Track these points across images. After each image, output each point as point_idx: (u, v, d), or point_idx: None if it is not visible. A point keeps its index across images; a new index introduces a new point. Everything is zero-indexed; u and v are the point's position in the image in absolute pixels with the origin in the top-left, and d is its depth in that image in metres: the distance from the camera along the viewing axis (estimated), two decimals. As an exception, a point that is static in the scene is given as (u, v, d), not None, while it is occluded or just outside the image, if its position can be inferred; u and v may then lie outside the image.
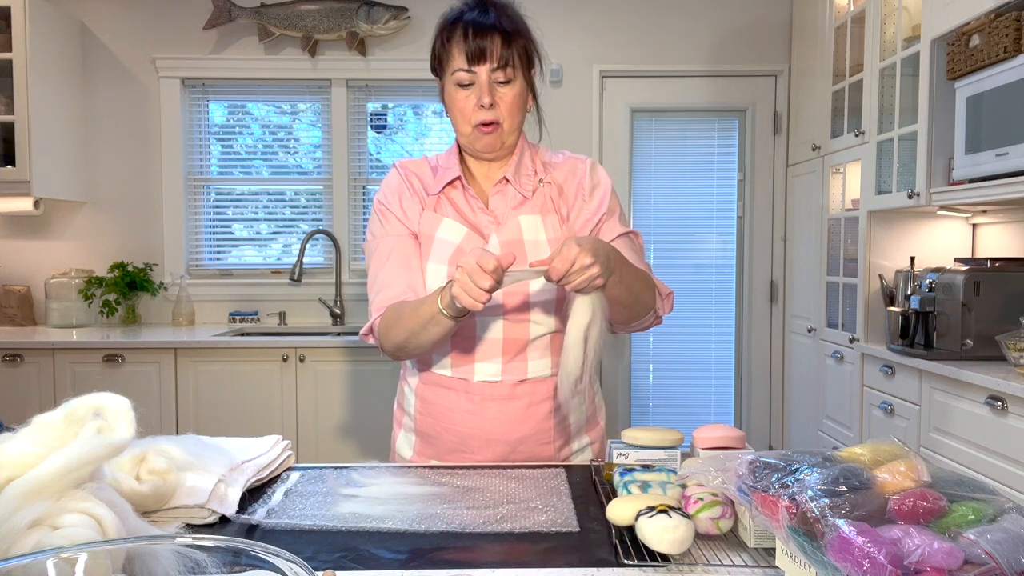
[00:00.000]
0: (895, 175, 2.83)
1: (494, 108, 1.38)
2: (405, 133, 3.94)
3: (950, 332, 2.49)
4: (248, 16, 3.66)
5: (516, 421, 1.42)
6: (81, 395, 0.90)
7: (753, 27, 3.78)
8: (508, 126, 1.41)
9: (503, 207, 1.45)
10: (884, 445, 0.86)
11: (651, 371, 3.89)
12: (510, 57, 1.37)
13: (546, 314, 1.42)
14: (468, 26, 1.37)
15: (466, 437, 1.42)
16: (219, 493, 1.05)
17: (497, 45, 1.36)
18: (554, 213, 1.45)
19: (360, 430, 3.24)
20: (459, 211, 1.44)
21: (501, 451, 1.42)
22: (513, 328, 1.41)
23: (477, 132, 1.40)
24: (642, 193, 3.79)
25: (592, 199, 1.48)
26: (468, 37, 1.36)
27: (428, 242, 1.42)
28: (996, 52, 2.22)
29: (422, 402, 1.47)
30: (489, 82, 1.37)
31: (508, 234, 1.41)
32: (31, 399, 3.13)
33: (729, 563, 0.89)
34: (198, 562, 0.63)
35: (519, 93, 1.41)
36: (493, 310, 1.39)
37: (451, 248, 1.40)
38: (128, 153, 3.76)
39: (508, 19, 1.39)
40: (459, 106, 1.40)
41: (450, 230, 1.42)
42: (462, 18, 1.39)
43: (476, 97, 1.38)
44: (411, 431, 1.50)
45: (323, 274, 3.82)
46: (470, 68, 1.37)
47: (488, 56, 1.36)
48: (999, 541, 0.67)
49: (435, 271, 1.40)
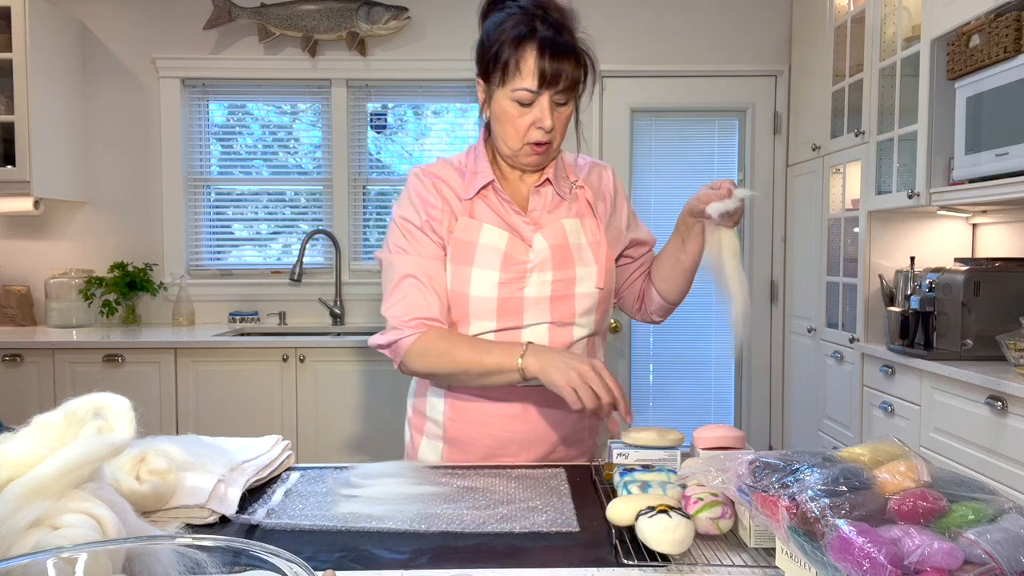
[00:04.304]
0: (895, 175, 2.83)
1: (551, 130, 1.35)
2: (405, 133, 3.94)
3: (950, 332, 2.49)
4: (248, 16, 3.66)
5: (557, 421, 1.43)
6: (81, 395, 0.89)
7: (753, 27, 3.78)
8: (557, 144, 1.39)
9: (540, 208, 1.44)
10: (884, 445, 0.86)
11: (651, 371, 3.89)
12: (578, 80, 1.34)
13: (588, 317, 1.43)
14: (545, 47, 1.29)
15: (506, 441, 1.41)
16: (219, 493, 1.05)
17: (570, 70, 1.31)
18: (591, 216, 1.46)
19: (360, 430, 3.24)
20: (497, 214, 1.41)
21: (540, 452, 1.43)
22: (558, 332, 1.41)
23: (528, 149, 1.37)
24: (642, 193, 3.80)
25: (620, 210, 1.53)
26: (544, 58, 1.29)
27: (470, 248, 1.38)
28: (996, 52, 2.22)
29: (454, 409, 1.44)
30: (551, 105, 1.32)
31: (553, 238, 1.40)
32: (31, 399, 3.13)
33: (729, 563, 0.89)
34: (198, 562, 0.63)
35: (571, 113, 1.38)
36: (540, 315, 1.39)
37: (498, 254, 1.37)
38: (128, 153, 3.76)
39: (578, 40, 1.34)
40: (514, 123, 1.35)
41: (492, 235, 1.39)
42: (536, 34, 1.30)
43: (534, 117, 1.33)
44: (438, 438, 1.47)
45: (323, 274, 3.82)
46: (538, 91, 1.31)
47: (560, 80, 1.31)
48: (999, 541, 0.67)
49: (483, 277, 1.37)
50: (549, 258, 1.39)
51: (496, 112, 1.37)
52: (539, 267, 1.38)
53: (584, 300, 1.41)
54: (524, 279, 1.38)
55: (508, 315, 1.38)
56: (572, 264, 1.40)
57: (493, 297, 1.37)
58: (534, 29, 1.30)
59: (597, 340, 1.50)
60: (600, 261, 1.43)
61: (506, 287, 1.37)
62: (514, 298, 1.37)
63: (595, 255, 1.43)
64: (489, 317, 1.39)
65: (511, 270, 1.37)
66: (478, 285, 1.37)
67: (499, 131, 1.38)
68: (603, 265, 1.43)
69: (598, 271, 1.42)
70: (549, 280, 1.39)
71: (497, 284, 1.36)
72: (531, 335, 1.39)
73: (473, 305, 1.38)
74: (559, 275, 1.39)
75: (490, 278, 1.37)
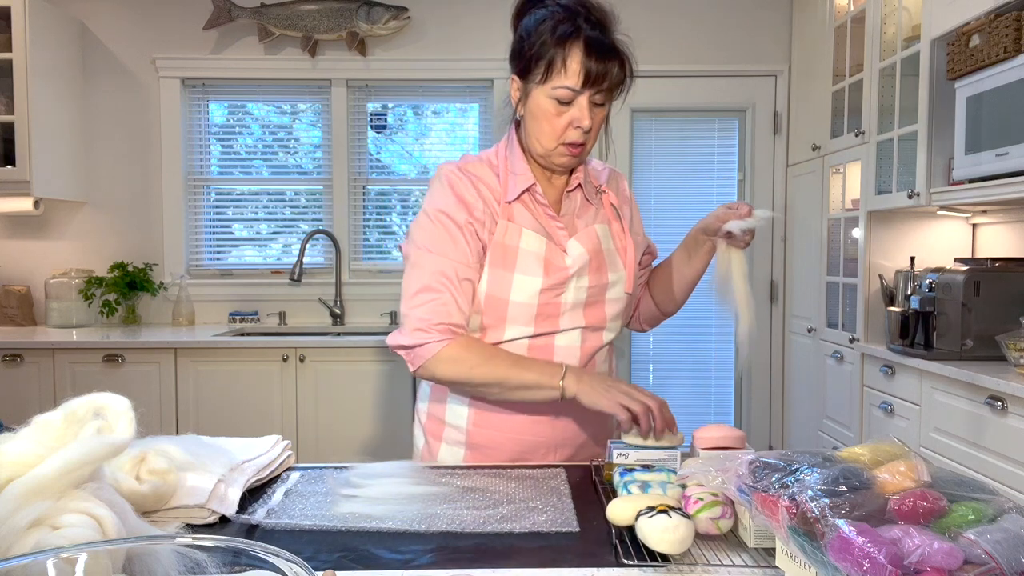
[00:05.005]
0: (895, 175, 2.83)
1: (588, 131, 1.33)
2: (405, 133, 3.94)
3: (950, 332, 2.49)
4: (248, 16, 3.66)
5: (584, 422, 1.43)
6: (81, 395, 0.89)
7: (753, 27, 3.78)
8: (590, 147, 1.37)
9: (570, 213, 1.43)
10: (884, 445, 0.86)
11: (651, 371, 3.89)
12: (619, 83, 1.33)
13: (617, 322, 1.46)
14: (592, 46, 1.28)
15: (534, 445, 1.41)
16: (219, 493, 1.05)
17: (614, 71, 1.29)
18: (616, 221, 1.47)
19: (360, 430, 3.24)
20: (535, 218, 1.39)
21: (565, 454, 1.43)
22: (591, 336, 1.42)
23: (563, 149, 1.34)
24: (642, 193, 3.79)
25: (636, 213, 1.56)
26: (591, 58, 1.27)
27: (511, 253, 1.36)
28: (996, 52, 2.22)
29: (480, 415, 1.42)
30: (590, 105, 1.30)
31: (588, 243, 1.40)
32: (31, 399, 3.13)
33: (729, 563, 0.89)
34: (198, 562, 0.63)
35: (606, 115, 1.36)
36: (575, 320, 1.40)
37: (539, 260, 1.36)
38: (128, 153, 3.76)
39: (620, 41, 1.33)
40: (551, 121, 1.32)
41: (532, 240, 1.37)
42: (581, 32, 1.28)
43: (572, 117, 1.31)
44: (459, 444, 1.44)
45: (323, 274, 3.82)
46: (581, 90, 1.29)
47: (604, 80, 1.29)
48: (999, 541, 0.67)
49: (526, 283, 1.35)
50: (587, 264, 1.39)
51: (532, 110, 1.34)
52: (578, 273, 1.38)
53: (614, 305, 1.43)
54: (565, 285, 1.37)
55: (545, 321, 1.38)
56: (605, 269, 1.41)
57: (534, 304, 1.35)
58: (579, 27, 1.28)
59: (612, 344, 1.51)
60: (628, 266, 1.44)
61: (547, 293, 1.36)
62: (553, 304, 1.37)
63: (623, 260, 1.44)
64: (527, 323, 1.37)
65: (553, 276, 1.36)
66: (519, 291, 1.35)
67: (534, 129, 1.35)
68: (631, 270, 1.44)
69: (627, 276, 1.43)
70: (586, 286, 1.39)
71: (539, 291, 1.35)
72: (564, 340, 1.39)
73: (512, 311, 1.36)
74: (594, 280, 1.40)
75: (533, 284, 1.35)
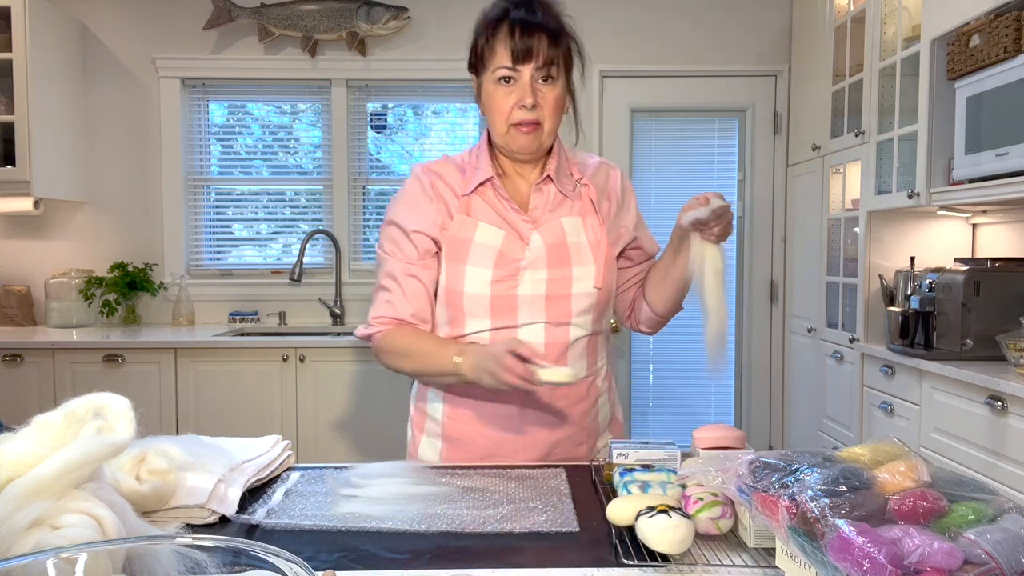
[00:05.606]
0: (895, 175, 2.82)
1: (535, 109, 1.36)
2: (405, 133, 3.94)
3: (950, 332, 2.49)
4: (248, 16, 3.66)
5: (555, 423, 1.42)
6: (81, 395, 0.89)
7: (753, 27, 3.78)
8: (548, 127, 1.39)
9: (541, 207, 1.43)
10: (884, 445, 0.86)
11: (651, 371, 3.89)
12: (555, 57, 1.35)
13: (586, 317, 1.42)
14: (515, 24, 1.34)
15: (503, 442, 1.41)
16: (219, 493, 1.05)
17: (544, 45, 1.34)
18: (594, 215, 1.45)
19: (360, 430, 3.24)
20: (495, 212, 1.41)
21: (538, 453, 1.42)
22: (555, 332, 1.40)
23: (515, 131, 1.38)
24: (642, 193, 3.79)
25: (628, 209, 1.52)
26: (515, 35, 1.33)
27: (464, 246, 1.39)
28: (996, 52, 2.22)
29: (452, 407, 1.44)
30: (531, 82, 1.35)
31: (551, 236, 1.40)
32: (31, 399, 3.12)
33: (729, 563, 0.89)
34: (198, 562, 0.63)
35: (560, 94, 1.39)
36: (535, 314, 1.39)
37: (492, 252, 1.38)
38: (128, 153, 3.76)
39: (554, 18, 1.37)
40: (498, 104, 1.37)
41: (488, 233, 1.39)
42: (508, 16, 1.36)
43: (517, 96, 1.35)
44: (437, 436, 1.47)
45: (323, 274, 3.82)
46: (514, 67, 1.34)
47: (534, 55, 1.33)
48: (999, 541, 0.67)
49: (477, 275, 1.38)
50: (544, 256, 1.38)
51: (484, 101, 1.41)
52: (533, 265, 1.38)
53: (581, 300, 1.41)
54: (517, 277, 1.37)
55: (502, 314, 1.38)
56: (568, 263, 1.39)
57: (486, 295, 1.37)
58: (506, 11, 1.37)
59: (599, 340, 1.49)
60: (599, 260, 1.42)
61: (499, 285, 1.37)
62: (508, 296, 1.37)
63: (594, 254, 1.42)
64: (484, 315, 1.39)
65: (504, 267, 1.37)
66: (472, 282, 1.38)
67: (490, 118, 1.41)
68: (602, 265, 1.42)
69: (596, 270, 1.41)
70: (544, 279, 1.38)
71: (490, 282, 1.37)
72: (527, 335, 1.39)
73: (467, 303, 1.38)
74: (554, 274, 1.39)
75: (483, 275, 1.37)
